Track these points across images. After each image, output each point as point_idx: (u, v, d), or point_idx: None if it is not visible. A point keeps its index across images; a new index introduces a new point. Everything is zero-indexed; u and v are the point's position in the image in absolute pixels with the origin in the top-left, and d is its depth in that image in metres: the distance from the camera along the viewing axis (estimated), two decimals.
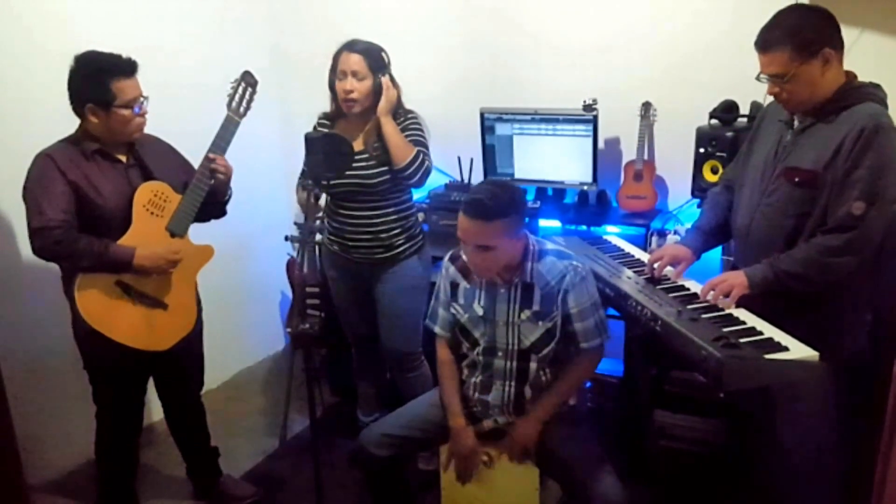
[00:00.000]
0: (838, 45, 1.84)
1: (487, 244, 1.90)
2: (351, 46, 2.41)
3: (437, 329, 2.19)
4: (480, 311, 2.06)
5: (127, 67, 2.08)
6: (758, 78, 1.90)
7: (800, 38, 1.80)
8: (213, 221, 2.42)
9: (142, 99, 2.12)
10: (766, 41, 1.85)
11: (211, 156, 2.22)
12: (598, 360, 2.10)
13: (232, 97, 2.26)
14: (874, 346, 1.97)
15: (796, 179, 1.88)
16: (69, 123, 2.14)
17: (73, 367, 2.28)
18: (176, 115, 2.53)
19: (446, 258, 2.17)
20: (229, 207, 2.45)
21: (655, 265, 2.14)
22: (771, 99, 1.99)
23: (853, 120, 1.80)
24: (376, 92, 2.41)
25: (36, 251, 2.04)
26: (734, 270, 1.98)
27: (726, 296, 1.91)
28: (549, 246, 2.06)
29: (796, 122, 1.94)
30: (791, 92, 1.86)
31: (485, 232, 1.88)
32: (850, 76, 1.89)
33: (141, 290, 2.16)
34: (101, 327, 2.08)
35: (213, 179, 2.24)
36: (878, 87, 1.88)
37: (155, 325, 2.20)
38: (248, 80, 2.30)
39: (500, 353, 2.06)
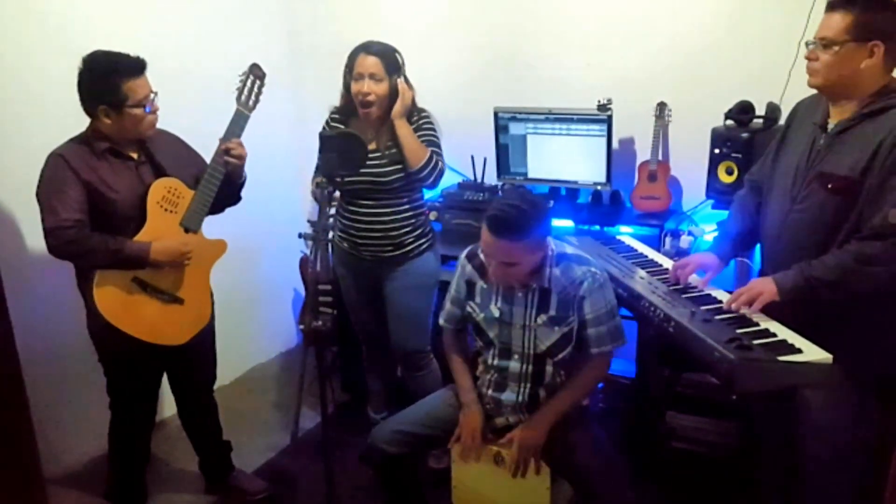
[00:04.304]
0: (892, 45, 1.76)
1: (513, 261, 1.89)
2: (367, 48, 2.40)
3: (442, 322, 2.21)
4: (497, 313, 2.05)
5: (137, 67, 2.07)
6: (806, 44, 1.84)
7: (865, 16, 1.73)
8: (227, 220, 2.43)
9: (152, 96, 2.12)
10: (839, 2, 1.77)
11: (226, 145, 2.21)
12: (606, 367, 2.09)
13: (241, 90, 2.26)
14: None
15: (830, 186, 1.81)
16: (83, 120, 2.14)
17: (88, 359, 2.30)
18: (192, 109, 2.54)
19: (463, 255, 2.16)
20: (243, 206, 2.46)
21: (680, 272, 2.10)
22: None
23: (891, 124, 1.74)
24: (392, 94, 2.41)
25: (51, 250, 2.06)
26: (762, 277, 1.90)
27: (752, 303, 1.85)
28: (568, 250, 2.04)
29: (830, 125, 1.87)
30: (826, 64, 1.78)
31: (511, 251, 1.87)
32: (893, 81, 1.81)
33: (157, 286, 2.18)
34: (118, 323, 2.10)
35: (227, 167, 2.23)
36: None
37: (171, 320, 2.22)
38: (256, 72, 2.29)
39: (515, 356, 2.06)
